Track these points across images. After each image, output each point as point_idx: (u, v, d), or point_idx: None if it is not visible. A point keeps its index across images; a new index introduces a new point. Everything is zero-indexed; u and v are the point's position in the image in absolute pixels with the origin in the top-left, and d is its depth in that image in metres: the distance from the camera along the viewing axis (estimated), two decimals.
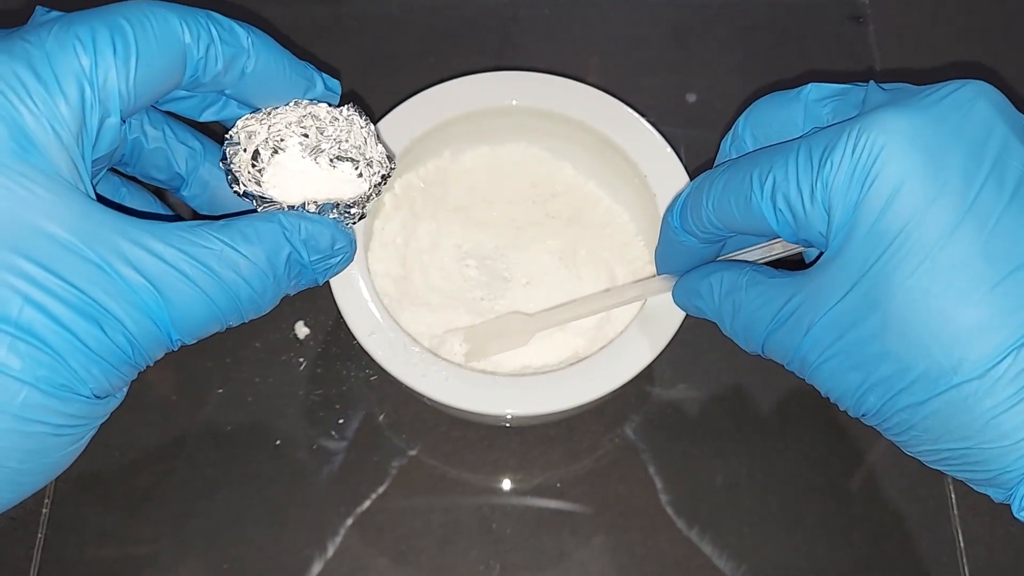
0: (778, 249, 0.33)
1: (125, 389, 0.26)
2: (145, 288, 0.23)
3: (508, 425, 0.44)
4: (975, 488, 0.28)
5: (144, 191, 0.32)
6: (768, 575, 0.42)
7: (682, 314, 0.37)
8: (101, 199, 0.25)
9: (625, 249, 0.43)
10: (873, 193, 0.25)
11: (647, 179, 0.40)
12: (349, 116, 0.29)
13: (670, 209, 0.33)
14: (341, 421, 0.44)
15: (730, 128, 0.33)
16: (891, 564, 0.42)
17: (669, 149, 0.40)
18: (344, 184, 0.28)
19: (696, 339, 0.45)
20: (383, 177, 0.29)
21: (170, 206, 0.34)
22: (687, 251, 0.33)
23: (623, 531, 0.42)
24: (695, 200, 0.31)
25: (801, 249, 0.34)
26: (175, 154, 0.30)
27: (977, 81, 0.26)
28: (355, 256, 0.37)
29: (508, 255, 0.43)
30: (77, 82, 0.23)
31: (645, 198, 0.41)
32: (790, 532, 0.43)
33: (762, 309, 0.29)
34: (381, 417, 0.45)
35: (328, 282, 0.37)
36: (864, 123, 0.25)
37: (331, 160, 0.28)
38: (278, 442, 0.44)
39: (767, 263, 0.33)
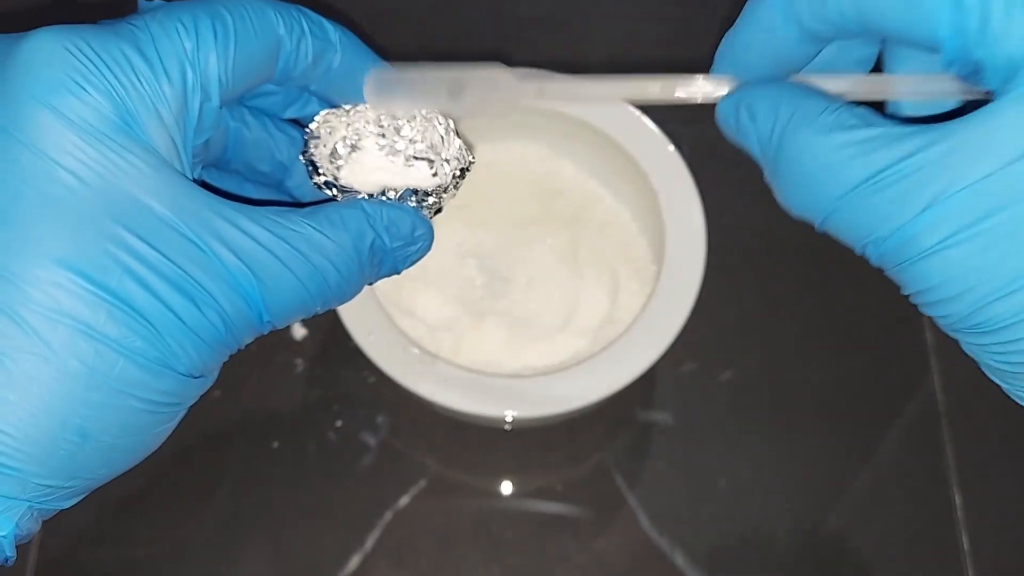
0: (884, 88, 0.25)
1: (216, 372, 0.26)
2: (239, 268, 0.24)
3: (508, 427, 0.43)
4: None
5: (268, 188, 0.32)
6: None
7: (685, 314, 0.37)
8: (205, 185, 0.26)
9: (627, 248, 0.42)
10: None
11: (649, 177, 0.40)
12: (427, 115, 0.29)
13: None
14: (339, 423, 0.44)
15: None
16: (896, 567, 0.42)
17: (671, 147, 0.40)
18: (420, 180, 0.29)
19: (699, 340, 0.45)
20: (462, 170, 0.30)
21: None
22: (771, 45, 0.25)
23: (625, 534, 0.42)
24: None
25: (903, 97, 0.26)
26: (277, 143, 0.30)
27: None
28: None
29: (508, 254, 0.43)
30: (180, 64, 0.24)
31: (647, 197, 0.40)
32: (793, 536, 0.42)
33: (851, 161, 0.22)
34: (379, 419, 0.44)
35: None
36: None
37: (407, 159, 0.29)
38: (275, 444, 0.43)
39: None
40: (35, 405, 0.21)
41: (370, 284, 0.28)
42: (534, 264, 0.42)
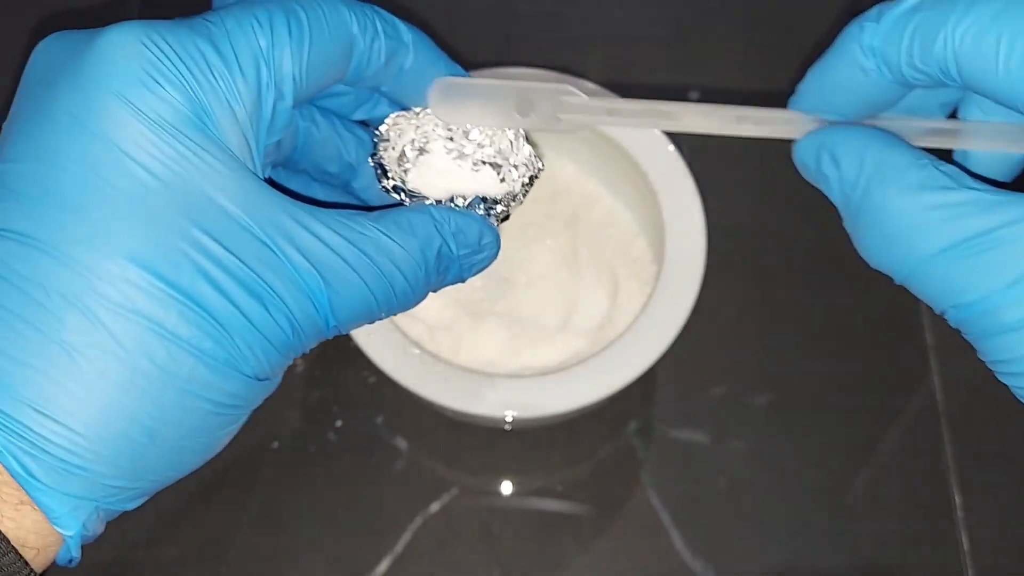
0: (972, 141, 0.25)
1: (280, 375, 0.26)
2: (309, 271, 0.23)
3: (508, 428, 0.43)
4: None
5: (335, 188, 0.32)
6: None
7: (684, 315, 0.37)
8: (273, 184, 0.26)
9: (627, 249, 0.42)
10: None
11: (649, 178, 0.40)
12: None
13: (870, 17, 0.24)
14: (339, 424, 0.44)
15: None
16: (895, 568, 0.42)
17: (671, 147, 0.40)
18: (488, 187, 0.28)
19: (699, 340, 0.45)
20: (531, 178, 0.29)
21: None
22: (861, 87, 0.25)
23: (624, 534, 0.42)
24: (933, 20, 0.22)
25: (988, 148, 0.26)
26: (346, 144, 0.30)
27: None
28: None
29: (508, 255, 0.42)
30: (255, 61, 0.24)
31: (647, 197, 0.40)
32: (792, 536, 0.42)
33: (941, 224, 0.22)
34: (379, 420, 0.44)
35: None
36: None
37: (474, 164, 0.28)
38: (275, 445, 0.43)
39: (925, 147, 0.24)
40: (105, 403, 0.21)
41: (434, 292, 0.28)
42: (534, 265, 0.42)
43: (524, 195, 0.29)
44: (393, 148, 0.28)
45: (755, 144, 0.29)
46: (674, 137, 0.40)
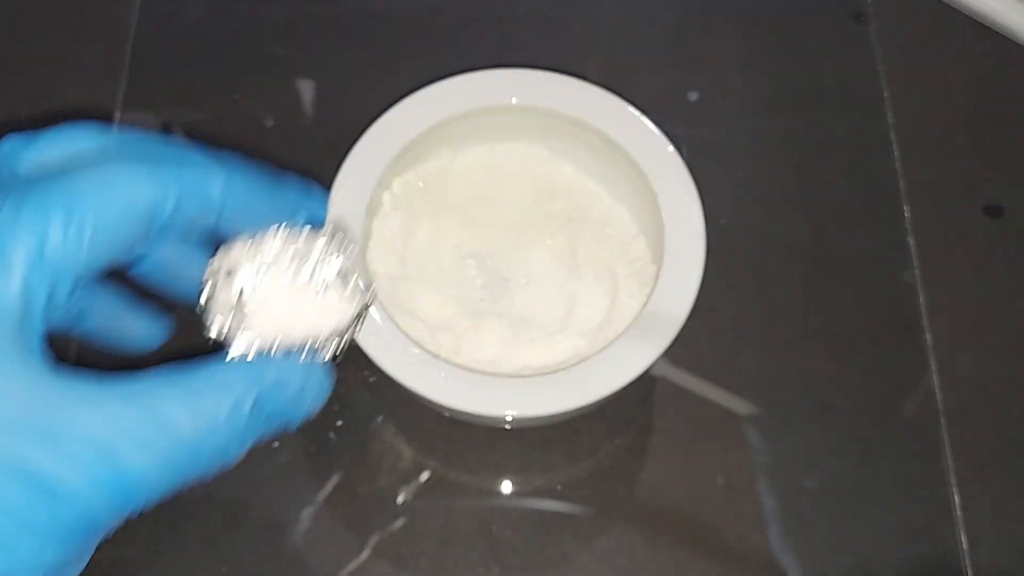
0: None
1: (88, 557, 0.25)
2: (100, 458, 0.23)
3: (508, 427, 0.43)
4: None
5: (145, 310, 0.32)
6: None
7: (684, 315, 0.37)
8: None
9: (626, 249, 0.42)
10: None
11: (648, 178, 0.40)
12: (331, 241, 0.28)
13: None
14: (339, 423, 0.44)
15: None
16: (894, 567, 0.42)
17: (671, 148, 0.40)
18: (321, 316, 0.28)
19: (698, 340, 0.45)
20: (365, 306, 0.28)
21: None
22: None
23: (624, 534, 0.42)
24: None
25: None
26: (188, 268, 0.30)
27: None
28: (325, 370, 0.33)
29: (508, 255, 0.43)
30: (26, 258, 0.23)
31: (646, 197, 0.40)
32: (792, 535, 0.42)
33: None
34: (379, 419, 0.44)
35: None
36: None
37: (315, 290, 0.28)
38: (275, 444, 0.43)
39: None
40: None
41: (261, 442, 0.27)
42: (533, 265, 0.42)
43: (356, 329, 0.28)
44: (221, 291, 0.27)
45: (754, 144, 0.30)
46: (674, 138, 0.40)
